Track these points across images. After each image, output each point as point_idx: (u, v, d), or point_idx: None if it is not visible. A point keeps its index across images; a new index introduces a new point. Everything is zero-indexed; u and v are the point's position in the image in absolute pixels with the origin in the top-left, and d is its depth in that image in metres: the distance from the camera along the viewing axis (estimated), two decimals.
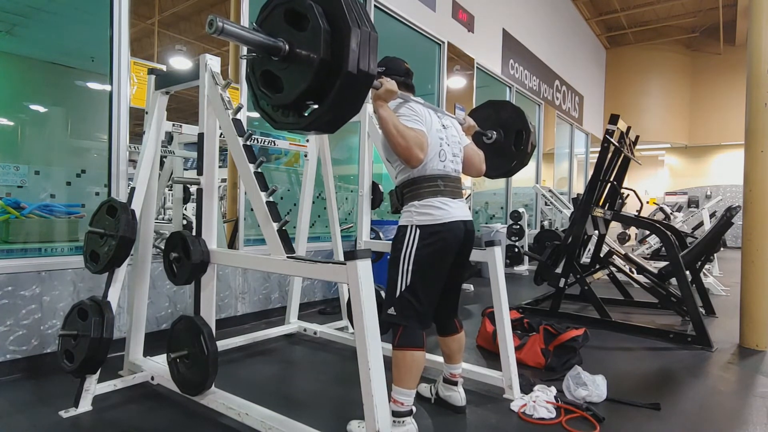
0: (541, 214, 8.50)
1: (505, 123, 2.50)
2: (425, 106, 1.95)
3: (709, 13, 11.38)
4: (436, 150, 1.89)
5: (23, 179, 3.26)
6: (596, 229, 4.33)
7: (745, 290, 3.35)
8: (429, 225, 1.84)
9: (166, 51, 5.60)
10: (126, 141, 2.81)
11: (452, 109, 6.06)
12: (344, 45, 1.20)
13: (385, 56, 2.08)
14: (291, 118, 1.36)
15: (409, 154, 1.76)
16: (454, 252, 1.92)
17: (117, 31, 2.80)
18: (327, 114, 1.29)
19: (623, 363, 2.95)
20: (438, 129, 1.93)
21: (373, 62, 1.26)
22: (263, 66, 1.38)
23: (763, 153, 3.23)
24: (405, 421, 1.80)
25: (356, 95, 1.29)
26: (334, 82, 1.23)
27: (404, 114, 1.83)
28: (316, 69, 1.23)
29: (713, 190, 12.06)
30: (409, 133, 1.75)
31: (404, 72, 2.04)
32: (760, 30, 3.28)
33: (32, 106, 3.86)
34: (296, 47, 1.29)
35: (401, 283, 1.84)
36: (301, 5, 1.28)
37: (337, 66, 1.22)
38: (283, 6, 1.33)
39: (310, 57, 1.25)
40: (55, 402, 2.09)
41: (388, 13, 4.91)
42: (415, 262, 1.82)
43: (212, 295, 2.07)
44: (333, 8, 1.24)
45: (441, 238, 1.84)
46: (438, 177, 1.89)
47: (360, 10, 1.27)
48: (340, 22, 1.22)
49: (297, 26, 1.29)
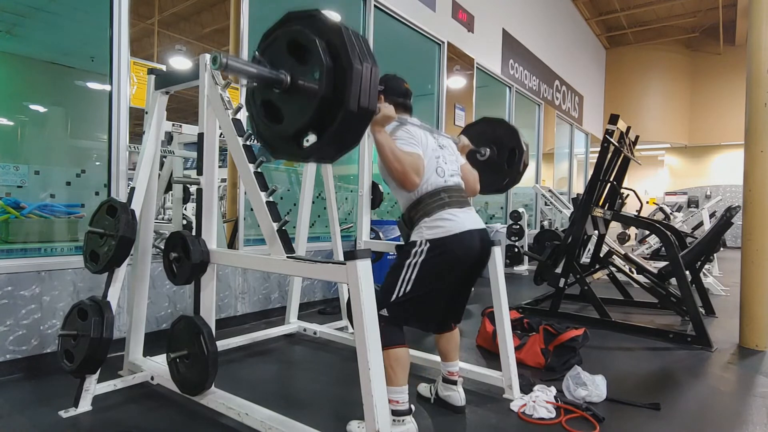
0: (541, 214, 8.50)
1: (499, 140, 2.50)
2: (422, 128, 1.95)
3: (709, 13, 11.39)
4: (433, 167, 1.89)
5: (23, 179, 3.26)
6: (596, 229, 4.33)
7: (745, 290, 3.35)
8: (439, 238, 1.81)
9: (166, 51, 5.60)
10: (126, 141, 2.81)
11: (452, 109, 6.06)
12: (346, 82, 1.20)
13: (385, 74, 2.06)
14: (291, 148, 1.36)
15: (405, 179, 1.76)
16: (468, 264, 1.89)
17: (117, 31, 2.80)
18: (327, 147, 1.29)
19: (623, 363, 2.95)
20: (434, 149, 1.93)
21: (374, 98, 1.26)
22: (264, 95, 1.38)
23: (763, 153, 3.23)
24: (405, 420, 1.80)
25: (356, 130, 1.29)
26: (334, 117, 1.23)
27: (401, 137, 1.84)
28: (317, 104, 1.24)
29: (713, 190, 12.06)
30: (405, 157, 1.76)
31: (403, 92, 2.04)
32: (760, 30, 3.28)
33: (32, 106, 3.86)
34: (298, 80, 1.28)
35: (400, 289, 1.82)
36: (305, 39, 1.27)
37: (338, 102, 1.22)
38: (287, 37, 1.32)
39: (311, 91, 1.25)
40: (54, 402, 2.09)
41: (388, 13, 4.91)
42: (420, 271, 1.80)
43: (212, 295, 2.07)
44: (336, 44, 1.23)
45: (450, 250, 1.81)
46: (441, 190, 1.88)
47: (362, 44, 1.26)
48: (343, 58, 1.21)
49: (299, 58, 1.28)
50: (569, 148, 10.50)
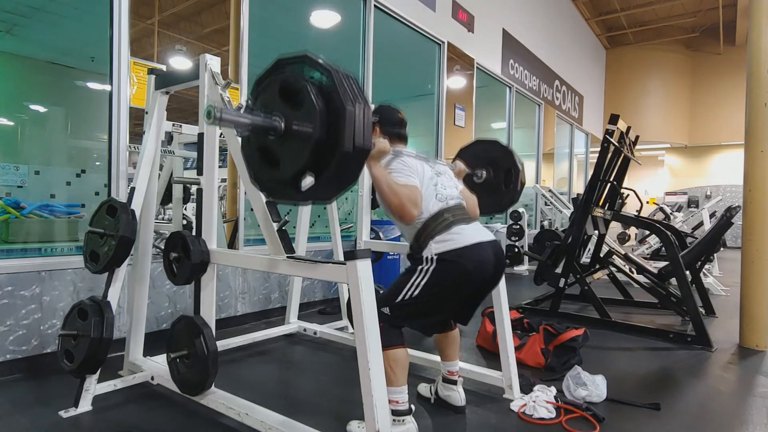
0: (541, 214, 8.50)
1: (494, 161, 2.50)
2: (417, 158, 1.94)
3: (709, 13, 11.39)
4: (432, 195, 1.87)
5: (23, 179, 3.26)
6: (596, 229, 4.33)
7: (745, 290, 3.35)
8: (450, 250, 1.78)
9: (166, 51, 5.60)
10: (126, 141, 2.81)
11: (452, 109, 6.06)
12: (340, 124, 1.21)
13: (379, 104, 2.08)
14: (289, 192, 1.36)
15: (403, 211, 1.74)
16: (482, 279, 1.87)
17: (117, 31, 2.80)
18: (325, 188, 1.30)
19: (623, 363, 2.95)
20: (431, 177, 1.92)
21: (368, 137, 1.26)
22: (259, 141, 1.38)
23: (763, 153, 3.23)
24: (405, 420, 1.80)
25: (353, 170, 1.30)
26: (330, 159, 1.24)
27: (396, 169, 1.82)
28: (312, 148, 1.25)
29: (713, 190, 12.06)
30: (401, 190, 1.74)
31: (398, 122, 2.03)
32: (760, 30, 3.28)
33: (32, 106, 3.87)
34: (292, 125, 1.29)
35: (407, 292, 1.80)
36: (296, 84, 1.28)
37: (333, 144, 1.23)
38: (279, 82, 1.33)
39: (306, 135, 1.26)
40: (55, 402, 2.09)
41: (388, 13, 4.91)
42: (431, 278, 1.78)
43: (212, 295, 2.07)
44: (327, 87, 1.24)
45: (462, 264, 1.79)
46: (443, 211, 1.86)
47: (353, 85, 1.27)
48: (335, 101, 1.23)
49: (292, 103, 1.29)
50: (569, 148, 10.50)
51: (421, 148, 2.33)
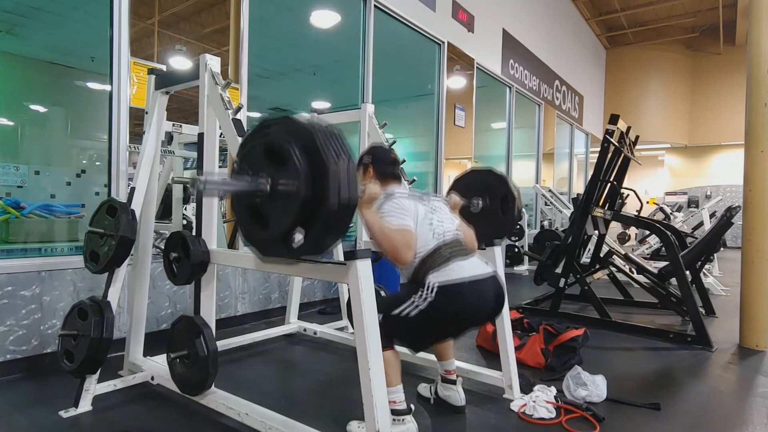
0: (541, 214, 8.50)
1: (490, 189, 2.48)
2: (411, 197, 1.93)
3: (709, 13, 11.38)
4: (428, 233, 1.86)
5: (23, 179, 3.26)
6: (596, 229, 4.33)
7: (745, 290, 3.35)
8: (449, 283, 1.76)
9: (166, 51, 5.60)
10: (126, 141, 2.81)
11: (452, 109, 6.06)
12: (324, 182, 1.23)
13: (371, 145, 2.11)
14: (280, 250, 1.38)
15: (396, 255, 1.74)
16: (484, 315, 1.87)
17: (117, 31, 2.80)
18: (314, 245, 1.32)
19: (623, 363, 2.95)
20: (425, 215, 1.90)
21: (354, 191, 1.28)
22: (248, 201, 1.40)
23: (763, 153, 3.23)
24: (405, 420, 1.80)
25: (341, 223, 1.32)
26: (317, 216, 1.26)
27: (389, 211, 1.82)
28: (299, 207, 1.27)
29: (713, 190, 12.06)
30: (394, 235, 1.73)
31: (391, 161, 2.04)
32: (760, 30, 3.28)
33: (32, 106, 3.87)
34: (278, 185, 1.31)
35: (404, 309, 1.78)
36: (279, 145, 1.30)
37: (319, 201, 1.25)
38: (263, 144, 1.35)
39: (291, 195, 1.28)
40: (55, 402, 2.09)
41: (388, 13, 4.91)
42: (427, 309, 1.75)
43: (212, 295, 2.07)
44: (310, 145, 1.26)
45: (462, 299, 1.77)
46: (441, 246, 1.84)
47: (336, 141, 1.28)
48: (318, 160, 1.25)
49: (277, 163, 1.31)
50: (569, 148, 10.50)
51: (421, 149, 2.31)
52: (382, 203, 1.86)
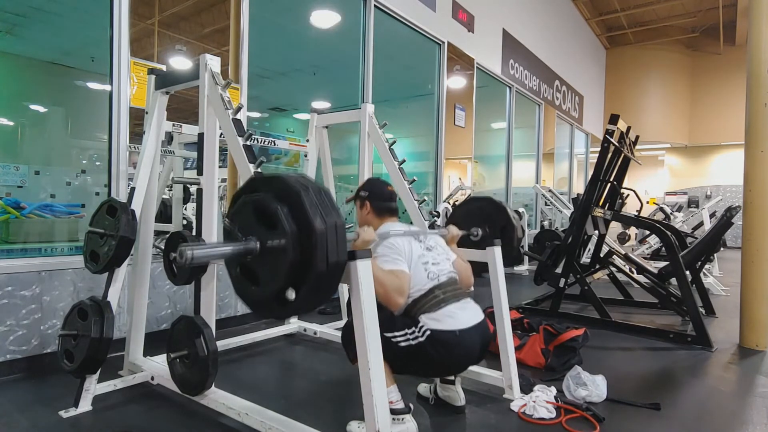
0: (541, 214, 8.49)
1: (489, 218, 2.49)
2: (406, 235, 1.92)
3: (709, 13, 11.38)
4: (423, 274, 1.86)
5: (23, 179, 3.26)
6: (596, 229, 4.33)
7: (745, 290, 3.35)
8: (441, 332, 1.78)
9: (166, 51, 5.60)
10: (126, 141, 2.81)
11: (452, 109, 6.06)
12: (312, 244, 1.24)
13: (368, 179, 2.12)
14: (272, 308, 1.39)
15: (389, 301, 1.75)
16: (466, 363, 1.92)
17: (117, 31, 2.80)
18: (304, 303, 1.33)
19: (623, 363, 2.95)
20: (420, 255, 1.90)
21: (342, 251, 1.29)
22: (240, 260, 1.40)
23: (763, 153, 3.23)
24: (404, 419, 1.80)
25: (330, 283, 1.33)
26: (307, 276, 1.26)
27: (383, 255, 1.82)
28: (288, 267, 1.27)
29: (713, 190, 12.06)
30: (387, 280, 1.74)
31: (388, 196, 2.05)
32: (760, 30, 3.28)
33: (32, 106, 3.86)
34: (267, 245, 1.31)
35: (396, 336, 1.78)
36: (267, 207, 1.31)
37: (308, 263, 1.25)
38: (252, 204, 1.36)
39: (281, 257, 1.28)
40: (55, 402, 2.09)
41: (388, 13, 4.91)
42: (415, 349, 1.77)
43: (212, 295, 2.07)
44: (297, 206, 1.27)
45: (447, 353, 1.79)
46: (434, 288, 1.85)
47: (324, 200, 1.30)
48: (306, 221, 1.25)
49: (266, 224, 1.31)
50: (569, 148, 10.50)
51: (421, 149, 2.30)
52: (376, 245, 1.86)
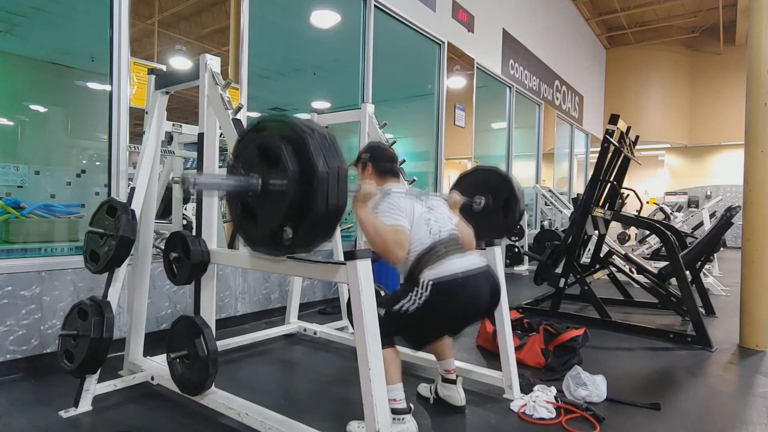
0: (541, 214, 8.49)
1: (493, 189, 2.48)
2: (408, 195, 1.93)
3: (709, 13, 11.38)
4: (425, 230, 1.86)
5: (23, 179, 3.26)
6: (596, 229, 4.33)
7: (745, 290, 3.35)
8: (443, 279, 1.77)
9: (166, 51, 5.60)
10: (126, 141, 2.81)
11: (452, 109, 6.06)
12: (313, 185, 1.24)
13: (369, 143, 2.14)
14: (270, 246, 1.41)
15: (388, 253, 1.75)
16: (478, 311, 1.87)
17: (117, 31, 2.80)
18: (301, 244, 1.35)
19: (623, 363, 2.95)
20: (422, 214, 1.90)
21: (342, 196, 1.30)
22: (241, 197, 1.42)
23: (763, 153, 3.23)
24: (404, 419, 1.80)
25: (327, 226, 1.34)
26: (305, 217, 1.27)
27: (384, 210, 1.83)
28: (287, 207, 1.28)
29: (713, 190, 12.06)
30: (387, 232, 1.74)
31: (389, 158, 2.07)
32: (760, 30, 3.28)
33: (32, 106, 3.86)
34: (269, 184, 1.32)
35: (405, 304, 1.78)
36: (271, 146, 1.32)
37: (308, 203, 1.26)
38: (257, 143, 1.36)
39: (281, 196, 1.29)
40: (55, 402, 2.09)
41: (388, 13, 4.91)
42: (424, 306, 1.76)
43: (212, 295, 2.07)
44: (302, 148, 1.27)
45: (457, 297, 1.78)
46: (435, 244, 1.85)
47: (328, 145, 1.29)
48: (309, 162, 1.25)
49: (270, 162, 1.32)
50: (569, 148, 10.50)
51: (421, 149, 2.31)
52: (378, 202, 1.87)
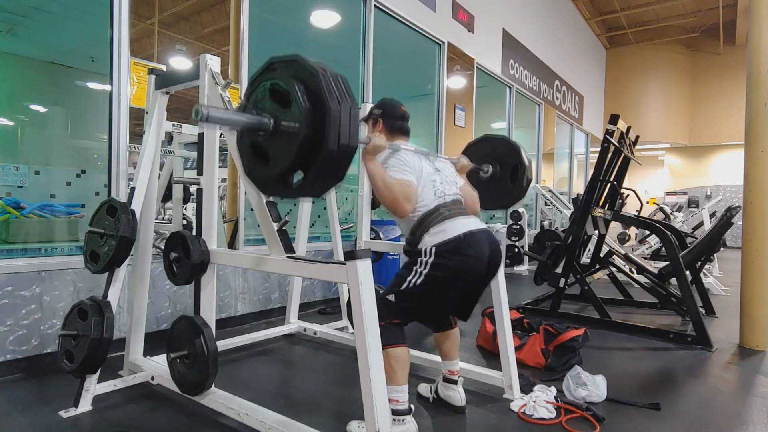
0: (541, 214, 8.49)
1: (501, 158, 2.49)
2: (416, 152, 1.94)
3: (709, 13, 11.38)
4: (430, 191, 1.89)
5: (23, 179, 3.26)
6: (596, 229, 4.33)
7: (745, 290, 3.35)
8: (445, 241, 1.80)
9: (166, 51, 5.60)
10: (126, 141, 2.81)
11: (452, 109, 6.06)
12: (325, 123, 1.25)
13: (382, 99, 2.12)
14: (279, 188, 1.42)
15: (396, 206, 1.77)
16: (480, 270, 1.88)
17: (117, 31, 2.80)
18: (311, 185, 1.35)
19: (623, 363, 2.95)
20: (429, 172, 1.93)
21: (354, 136, 1.30)
22: (251, 138, 1.42)
23: (763, 153, 3.23)
24: (405, 420, 1.80)
25: (338, 168, 1.34)
26: (316, 156, 1.28)
27: (393, 165, 1.84)
28: (299, 146, 1.29)
29: (713, 190, 12.06)
30: (395, 185, 1.77)
31: (400, 116, 2.06)
32: (760, 30, 3.28)
33: (32, 106, 3.86)
34: (280, 124, 1.33)
35: (411, 281, 1.81)
36: (284, 84, 1.32)
37: (319, 143, 1.27)
38: (269, 83, 1.37)
39: (293, 134, 1.30)
40: (55, 402, 2.09)
41: (388, 13, 4.91)
42: (424, 282, 1.80)
43: (212, 295, 2.07)
44: (314, 87, 1.28)
45: (461, 255, 1.80)
46: (440, 206, 1.88)
47: (340, 85, 1.30)
48: (321, 101, 1.26)
49: (281, 102, 1.33)
50: (569, 148, 10.50)
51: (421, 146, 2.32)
52: (387, 157, 1.88)
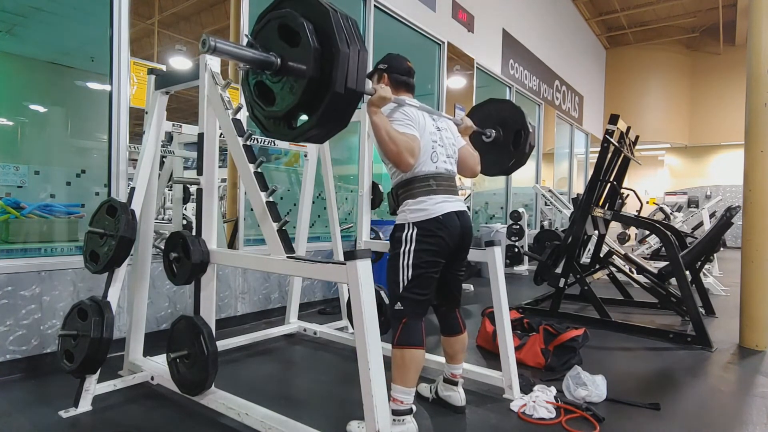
0: (541, 214, 8.49)
1: (505, 122, 2.50)
2: (420, 109, 1.95)
3: (709, 13, 11.38)
4: (428, 152, 1.91)
5: (23, 179, 3.26)
6: (596, 229, 4.33)
7: (745, 290, 3.35)
8: (425, 221, 1.86)
9: (166, 51, 5.60)
10: (126, 141, 2.81)
11: (452, 109, 6.06)
12: (333, 64, 1.23)
13: (388, 53, 2.12)
14: (282, 129, 1.41)
15: (399, 159, 1.78)
16: (453, 245, 1.93)
17: (117, 31, 2.80)
18: (315, 128, 1.33)
19: (623, 363, 2.95)
20: (431, 132, 1.95)
21: (361, 80, 1.29)
22: (257, 77, 1.41)
23: (763, 153, 3.23)
24: (405, 420, 1.80)
25: (344, 112, 1.32)
26: (323, 98, 1.26)
27: (397, 119, 1.85)
28: (306, 86, 1.27)
29: (713, 190, 12.06)
30: (400, 138, 1.78)
31: (406, 71, 2.05)
32: (760, 30, 3.28)
33: (32, 106, 3.86)
34: (288, 63, 1.31)
35: (403, 279, 1.86)
36: (294, 22, 1.30)
37: (326, 84, 1.25)
38: (277, 21, 1.35)
39: (300, 73, 1.28)
40: (55, 402, 2.09)
41: (388, 13, 4.91)
42: (415, 258, 1.85)
43: (212, 295, 2.07)
44: (324, 27, 1.26)
45: (438, 236, 1.86)
46: (430, 177, 1.91)
47: (351, 27, 1.28)
48: (330, 42, 1.24)
49: (290, 41, 1.31)
50: (569, 148, 10.50)
51: None
52: (391, 111, 1.89)
